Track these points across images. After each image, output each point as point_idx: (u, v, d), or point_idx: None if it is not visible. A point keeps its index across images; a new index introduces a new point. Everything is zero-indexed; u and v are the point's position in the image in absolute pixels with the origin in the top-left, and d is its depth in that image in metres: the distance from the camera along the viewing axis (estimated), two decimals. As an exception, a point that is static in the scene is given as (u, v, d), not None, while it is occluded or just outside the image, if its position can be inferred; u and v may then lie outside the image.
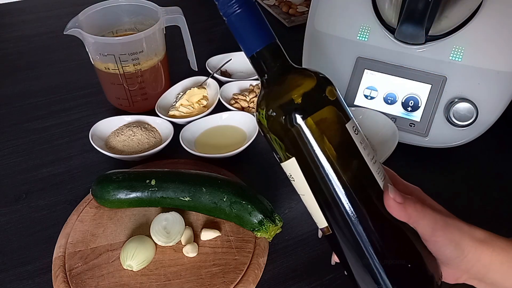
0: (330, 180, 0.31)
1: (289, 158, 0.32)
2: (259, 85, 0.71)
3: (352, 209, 0.31)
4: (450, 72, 0.58)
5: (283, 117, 0.31)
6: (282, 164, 0.33)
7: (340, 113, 0.32)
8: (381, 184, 0.32)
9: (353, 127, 0.32)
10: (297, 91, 0.31)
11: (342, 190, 0.31)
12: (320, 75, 0.33)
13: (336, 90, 0.32)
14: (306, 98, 0.31)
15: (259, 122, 0.33)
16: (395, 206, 0.31)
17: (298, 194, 0.34)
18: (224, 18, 0.32)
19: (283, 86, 0.32)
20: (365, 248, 0.31)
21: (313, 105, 0.31)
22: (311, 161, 0.31)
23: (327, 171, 0.31)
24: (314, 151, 0.31)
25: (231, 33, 0.33)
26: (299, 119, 0.30)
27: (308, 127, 0.30)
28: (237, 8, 0.31)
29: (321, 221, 0.33)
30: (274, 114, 0.31)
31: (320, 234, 0.35)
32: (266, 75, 0.33)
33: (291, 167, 0.32)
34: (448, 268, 0.33)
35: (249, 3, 0.32)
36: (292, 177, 0.33)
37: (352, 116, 0.32)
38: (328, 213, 0.32)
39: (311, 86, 0.32)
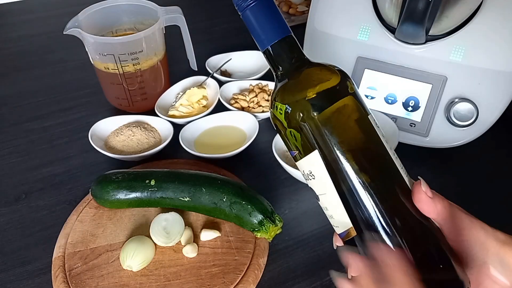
0: (355, 175, 0.30)
1: (309, 152, 0.31)
2: (259, 84, 0.71)
3: (380, 206, 0.29)
4: (451, 72, 0.58)
5: (303, 111, 0.30)
6: (301, 161, 0.32)
7: (360, 106, 0.31)
8: (405, 178, 0.31)
9: (374, 120, 0.31)
10: (316, 84, 0.31)
11: (369, 185, 0.29)
12: (337, 68, 0.32)
13: (353, 84, 0.32)
14: (326, 90, 0.31)
15: (274, 117, 0.33)
16: (426, 201, 0.29)
17: (316, 195, 0.32)
18: (239, 12, 0.32)
19: (301, 79, 0.32)
20: (395, 247, 0.30)
21: (333, 96, 0.30)
22: (334, 154, 0.30)
23: (351, 165, 0.30)
24: (337, 143, 0.30)
25: (246, 27, 0.33)
26: (319, 111, 0.30)
27: (328, 119, 0.30)
28: (252, 2, 0.31)
29: (344, 223, 0.31)
30: (292, 108, 0.31)
31: (336, 244, 0.33)
32: (281, 69, 0.33)
33: (312, 162, 0.31)
34: (471, 274, 0.32)
35: None
36: (312, 175, 0.32)
37: (370, 111, 0.32)
38: (355, 211, 0.30)
39: (330, 79, 0.31)
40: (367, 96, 0.63)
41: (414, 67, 0.59)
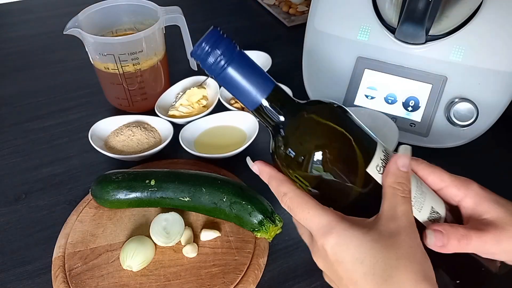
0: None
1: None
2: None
3: None
4: (451, 72, 0.58)
5: (305, 165, 0.29)
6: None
7: (361, 151, 0.30)
8: (417, 214, 0.30)
9: (377, 165, 0.30)
10: (313, 137, 0.29)
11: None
12: (336, 105, 0.31)
13: (352, 119, 0.30)
14: (322, 142, 0.29)
15: (280, 168, 0.32)
16: (438, 250, 0.29)
17: None
18: (213, 76, 0.29)
19: (298, 131, 0.30)
20: None
21: (331, 147, 0.29)
22: (338, 206, 0.30)
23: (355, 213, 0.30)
24: (340, 197, 0.30)
25: (226, 88, 0.30)
26: (319, 165, 0.29)
27: (329, 172, 0.29)
28: (225, 66, 0.28)
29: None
30: (294, 160, 0.29)
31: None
32: (275, 122, 0.31)
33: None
34: None
35: (236, 56, 0.28)
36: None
37: (378, 142, 0.31)
38: None
39: (325, 127, 0.30)
40: (367, 96, 0.63)
41: (414, 67, 0.59)
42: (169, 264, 0.48)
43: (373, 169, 0.30)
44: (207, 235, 0.50)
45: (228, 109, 0.68)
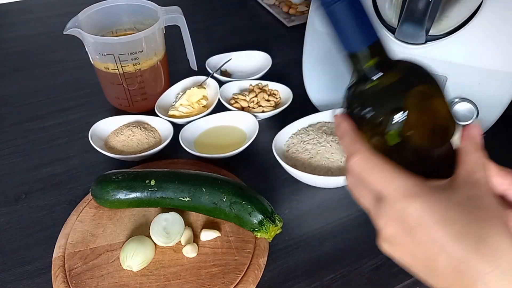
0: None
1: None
2: (259, 84, 0.71)
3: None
4: (450, 72, 0.58)
5: (391, 123, 0.28)
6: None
7: (452, 120, 0.30)
8: None
9: (459, 136, 0.31)
10: (412, 96, 0.29)
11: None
12: (431, 71, 0.30)
13: (443, 97, 0.30)
14: (413, 104, 0.29)
15: (355, 122, 0.31)
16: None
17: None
18: (323, 8, 0.29)
19: (394, 88, 0.29)
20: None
21: (429, 109, 0.29)
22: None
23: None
24: (412, 160, 0.30)
25: (329, 25, 0.29)
26: (406, 125, 0.28)
27: (415, 134, 0.29)
28: None
29: None
30: (379, 116, 0.29)
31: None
32: (364, 73, 0.30)
33: None
34: None
35: None
36: None
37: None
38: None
39: (425, 90, 0.29)
40: (367, 96, 0.62)
41: (414, 67, 0.59)
42: (169, 264, 0.48)
43: (456, 139, 0.31)
44: (207, 235, 0.50)
45: (228, 109, 0.68)
